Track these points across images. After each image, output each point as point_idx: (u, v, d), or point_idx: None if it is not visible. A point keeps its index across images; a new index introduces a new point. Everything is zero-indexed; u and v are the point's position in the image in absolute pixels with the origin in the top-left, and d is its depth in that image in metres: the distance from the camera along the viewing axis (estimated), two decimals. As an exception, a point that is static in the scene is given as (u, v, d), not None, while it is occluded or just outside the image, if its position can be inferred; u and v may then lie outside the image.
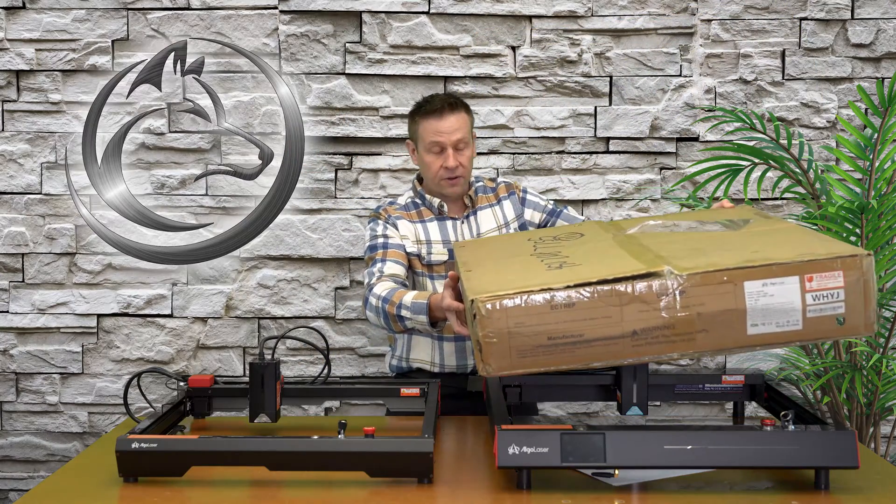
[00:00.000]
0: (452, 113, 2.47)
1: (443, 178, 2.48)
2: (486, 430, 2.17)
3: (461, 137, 2.47)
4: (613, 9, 3.06)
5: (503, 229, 2.58)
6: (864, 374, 2.40)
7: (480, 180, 2.62)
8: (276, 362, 2.00)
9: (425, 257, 2.50)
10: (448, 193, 2.52)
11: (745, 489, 1.75)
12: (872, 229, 2.37)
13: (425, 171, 2.52)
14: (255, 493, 1.75)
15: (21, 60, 3.04)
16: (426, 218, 2.54)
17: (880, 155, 2.43)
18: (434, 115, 2.46)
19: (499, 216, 2.60)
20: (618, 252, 1.77)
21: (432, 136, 2.46)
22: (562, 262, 1.72)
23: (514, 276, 1.68)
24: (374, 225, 2.54)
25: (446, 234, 2.53)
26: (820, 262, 1.54)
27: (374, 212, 2.58)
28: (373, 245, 2.50)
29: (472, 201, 2.56)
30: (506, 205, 2.61)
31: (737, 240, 1.78)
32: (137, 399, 2.56)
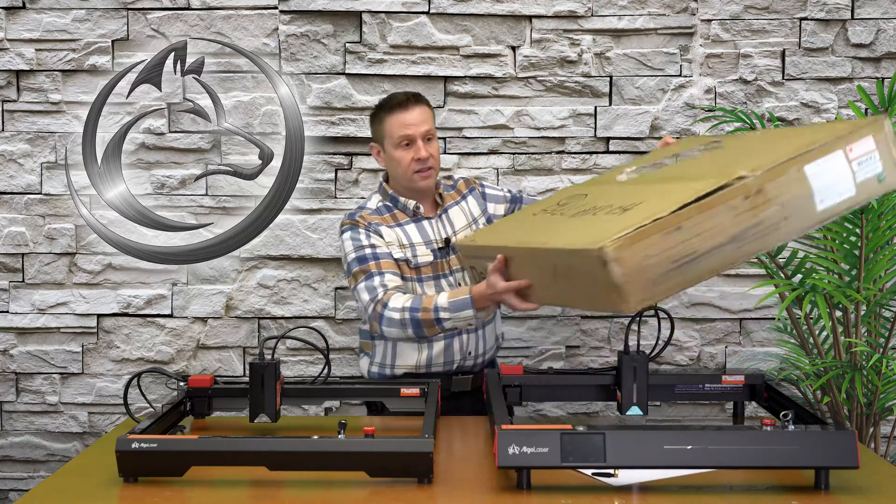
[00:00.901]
0: (417, 105, 2.47)
1: (415, 171, 2.46)
2: (486, 430, 2.17)
3: (429, 129, 2.47)
4: (613, 9, 3.06)
5: (472, 226, 2.59)
6: (864, 374, 2.40)
7: (440, 178, 2.63)
8: (276, 362, 2.00)
9: (412, 261, 2.48)
10: (421, 187, 2.49)
11: (745, 489, 1.76)
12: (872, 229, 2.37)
13: (395, 168, 2.49)
14: (255, 493, 1.75)
15: (21, 60, 3.04)
16: (402, 221, 2.52)
17: (880, 155, 2.43)
18: (399, 109, 2.46)
19: (467, 213, 2.61)
20: (665, 186, 1.95)
21: (401, 130, 2.44)
22: (621, 207, 1.86)
23: (598, 228, 1.82)
24: (353, 234, 2.47)
25: (426, 235, 2.52)
26: (853, 133, 1.76)
27: (350, 219, 2.50)
28: (361, 257, 2.43)
29: (441, 199, 2.57)
30: (470, 201, 2.63)
31: (748, 147, 2.02)
32: (137, 399, 2.56)
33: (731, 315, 3.14)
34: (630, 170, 2.20)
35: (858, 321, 2.44)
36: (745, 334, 3.16)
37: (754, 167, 1.71)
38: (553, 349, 3.14)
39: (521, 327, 3.14)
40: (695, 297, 3.13)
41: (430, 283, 2.51)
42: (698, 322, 3.15)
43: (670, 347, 3.14)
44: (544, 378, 2.29)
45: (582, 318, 3.15)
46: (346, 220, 2.51)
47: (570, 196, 2.23)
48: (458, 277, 2.54)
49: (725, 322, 3.15)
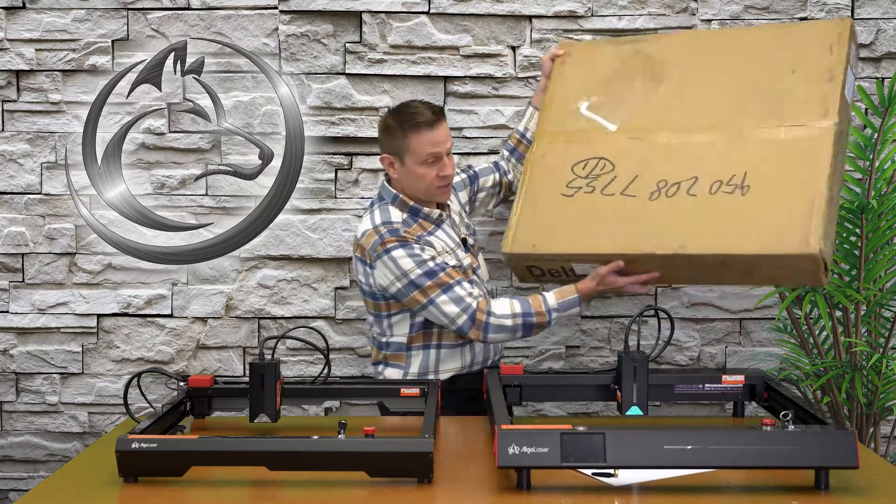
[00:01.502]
0: (441, 120, 2.48)
1: (437, 186, 2.47)
2: (486, 430, 2.17)
3: (451, 144, 2.51)
4: (613, 9, 3.06)
5: (462, 217, 2.65)
6: (864, 374, 2.40)
7: None
8: (276, 362, 2.00)
9: (459, 263, 2.51)
10: (441, 201, 2.53)
11: (745, 489, 1.76)
12: (872, 229, 2.37)
13: (416, 183, 2.46)
14: (255, 493, 1.75)
15: (21, 60, 3.04)
16: (430, 229, 2.52)
17: (880, 155, 2.43)
18: (427, 127, 2.43)
19: (457, 209, 2.66)
20: (716, 137, 2.27)
21: (430, 149, 2.42)
22: (720, 181, 2.20)
23: (746, 218, 2.12)
24: (408, 250, 2.38)
25: (453, 238, 2.56)
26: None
27: (394, 236, 2.41)
28: (429, 272, 2.36)
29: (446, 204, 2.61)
30: (458, 195, 2.69)
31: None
32: (137, 399, 2.56)
33: (731, 315, 3.14)
34: (585, 104, 2.34)
35: (858, 321, 2.44)
36: (745, 334, 3.15)
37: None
38: (553, 349, 3.14)
39: (521, 327, 3.14)
40: (695, 297, 3.13)
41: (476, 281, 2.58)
42: (698, 322, 3.15)
43: (670, 347, 3.14)
44: (544, 378, 2.29)
45: (582, 318, 3.15)
46: (389, 237, 2.40)
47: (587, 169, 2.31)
48: (481, 273, 2.61)
49: (725, 322, 3.15)
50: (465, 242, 2.57)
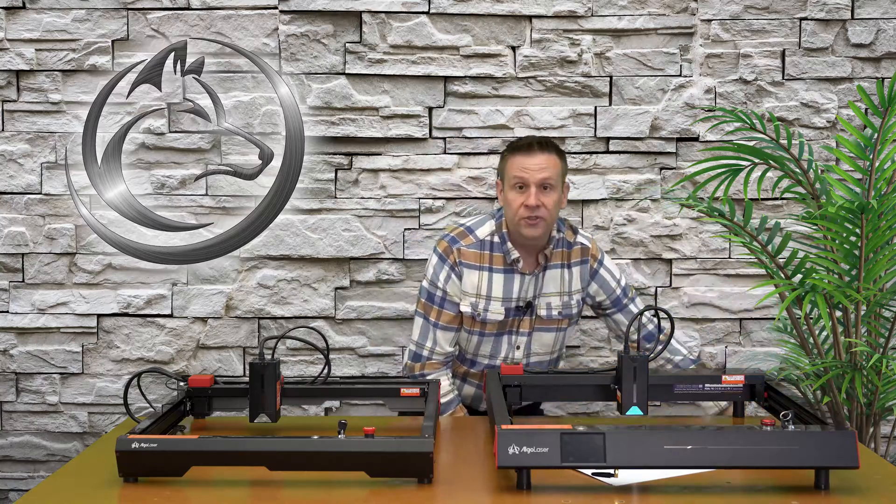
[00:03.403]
0: (542, 152, 2.43)
1: (522, 216, 2.41)
2: (486, 430, 2.17)
3: (547, 177, 2.41)
4: (613, 9, 3.06)
5: (565, 297, 2.54)
6: (864, 374, 2.40)
7: (562, 230, 2.55)
8: (276, 362, 2.00)
9: (480, 314, 2.48)
10: (525, 234, 2.43)
11: (745, 489, 1.76)
12: (872, 229, 2.37)
13: (507, 210, 2.46)
14: (255, 493, 1.75)
15: (21, 60, 3.04)
16: (496, 267, 2.49)
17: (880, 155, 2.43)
18: (522, 151, 2.44)
19: (565, 282, 2.54)
20: None
21: (517, 172, 2.41)
22: None
23: None
24: (439, 265, 2.49)
25: (510, 291, 2.49)
26: None
27: (448, 243, 2.50)
28: (431, 295, 2.50)
29: (546, 259, 2.51)
30: (574, 272, 2.55)
31: None
32: (137, 399, 2.56)
33: (731, 315, 3.14)
34: None
35: (858, 321, 2.44)
36: (745, 334, 3.15)
37: None
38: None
39: (521, 327, 3.14)
40: (695, 297, 3.13)
41: (489, 340, 2.54)
42: (698, 322, 3.15)
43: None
44: (544, 378, 2.29)
45: (582, 318, 3.15)
46: (445, 241, 2.51)
47: None
48: (521, 340, 2.54)
49: (725, 322, 3.15)
50: (528, 306, 2.51)
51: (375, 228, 3.10)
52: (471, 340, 2.55)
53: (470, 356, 2.59)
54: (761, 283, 2.47)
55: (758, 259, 2.54)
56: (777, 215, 3.06)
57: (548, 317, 2.53)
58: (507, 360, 2.56)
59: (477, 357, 2.59)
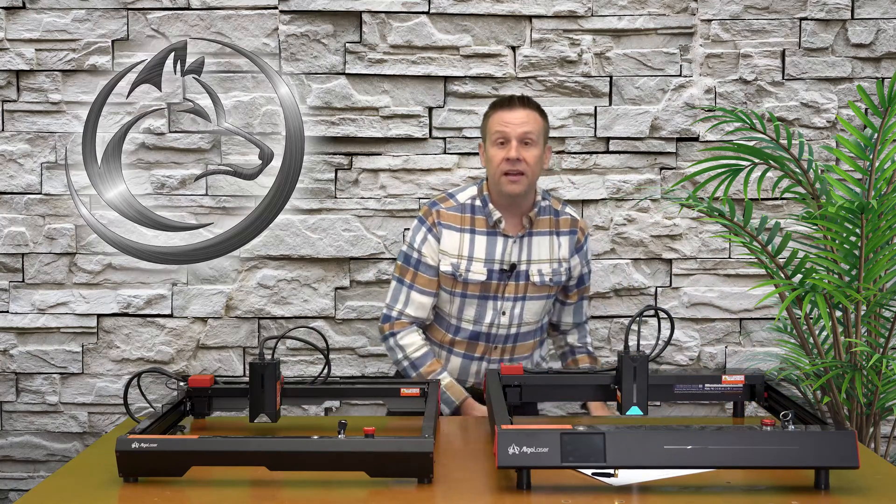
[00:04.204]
0: (523, 107, 2.45)
1: (503, 171, 2.41)
2: (486, 430, 2.17)
3: (528, 131, 2.42)
4: (613, 9, 3.06)
5: (554, 265, 2.53)
6: (864, 374, 2.40)
7: (548, 198, 2.57)
8: (276, 362, 2.00)
9: (462, 274, 2.47)
10: (507, 191, 2.43)
11: (745, 489, 1.75)
12: (872, 229, 2.37)
13: (489, 167, 2.48)
14: (255, 493, 1.75)
15: (21, 60, 3.04)
16: (478, 229, 2.49)
17: (880, 155, 2.43)
18: (503, 107, 2.46)
19: (555, 249, 2.54)
20: None
21: (498, 126, 2.43)
22: None
23: None
24: (418, 226, 2.53)
25: (492, 253, 2.48)
26: None
27: (427, 207, 2.54)
28: (407, 256, 2.52)
29: (530, 222, 2.50)
30: (563, 240, 2.56)
31: None
32: (137, 399, 2.56)
33: (731, 315, 3.14)
34: None
35: (858, 321, 2.44)
36: (745, 334, 3.15)
37: None
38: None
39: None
40: (695, 297, 3.13)
41: (473, 302, 2.51)
42: (698, 322, 3.15)
43: (670, 347, 3.14)
44: (544, 378, 2.29)
45: (582, 318, 3.15)
46: (426, 206, 2.55)
47: None
48: (506, 306, 2.51)
49: (725, 322, 3.15)
50: (513, 268, 2.50)
51: (375, 228, 3.10)
52: (453, 302, 2.51)
53: (454, 321, 2.54)
54: (761, 283, 2.46)
55: (758, 259, 2.54)
56: (777, 215, 3.06)
57: (541, 283, 2.52)
58: (492, 325, 2.52)
59: (461, 322, 2.54)
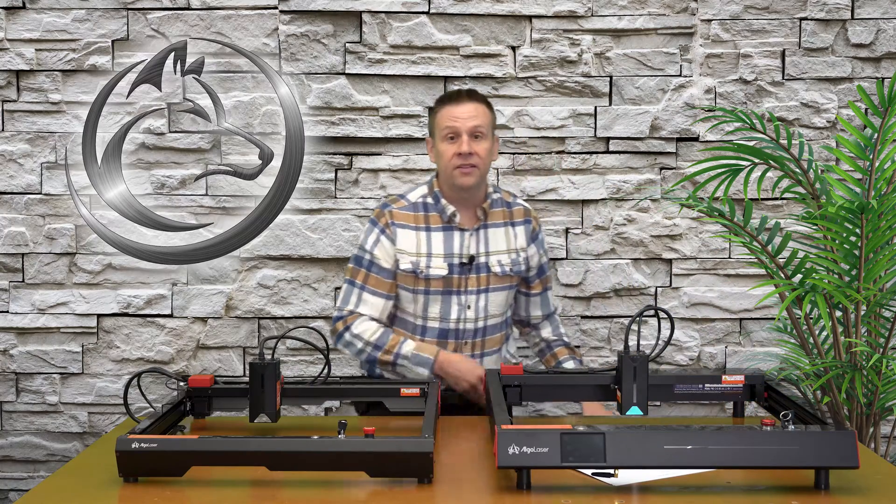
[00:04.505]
0: (471, 101, 2.45)
1: (455, 166, 2.42)
2: (486, 430, 2.17)
3: (478, 125, 2.42)
4: (613, 9, 3.06)
5: (513, 255, 2.54)
6: (864, 374, 2.40)
7: (499, 191, 2.58)
8: (276, 362, 1.99)
9: (423, 271, 2.45)
10: (460, 184, 2.44)
11: (745, 489, 1.75)
12: (872, 229, 2.37)
13: (440, 163, 2.47)
14: (255, 493, 1.75)
15: (21, 60, 3.04)
16: (433, 226, 2.49)
17: (880, 155, 2.43)
18: (451, 102, 2.46)
19: (511, 239, 2.55)
20: None
21: (447, 122, 2.42)
22: None
23: None
24: (370, 228, 2.51)
25: (450, 247, 2.48)
26: None
27: (379, 209, 2.52)
28: (358, 258, 2.50)
29: (485, 214, 2.51)
30: (519, 230, 2.57)
31: None
32: (137, 399, 2.56)
33: (731, 315, 3.14)
34: None
35: (858, 321, 2.44)
36: (745, 334, 3.15)
37: None
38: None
39: (521, 327, 3.14)
40: (695, 297, 3.13)
41: (437, 298, 2.49)
42: (698, 322, 3.15)
43: (670, 347, 3.14)
44: (544, 378, 2.29)
45: (582, 318, 3.15)
46: (378, 207, 2.54)
47: None
48: (470, 300, 2.50)
49: (725, 322, 3.15)
50: (472, 260, 2.50)
51: (375, 228, 3.10)
52: (417, 301, 2.49)
53: (420, 321, 2.52)
54: (761, 283, 2.46)
55: (758, 259, 2.54)
56: (777, 215, 3.06)
57: (502, 272, 2.51)
58: (459, 321, 2.51)
59: (427, 321, 2.52)
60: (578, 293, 3.13)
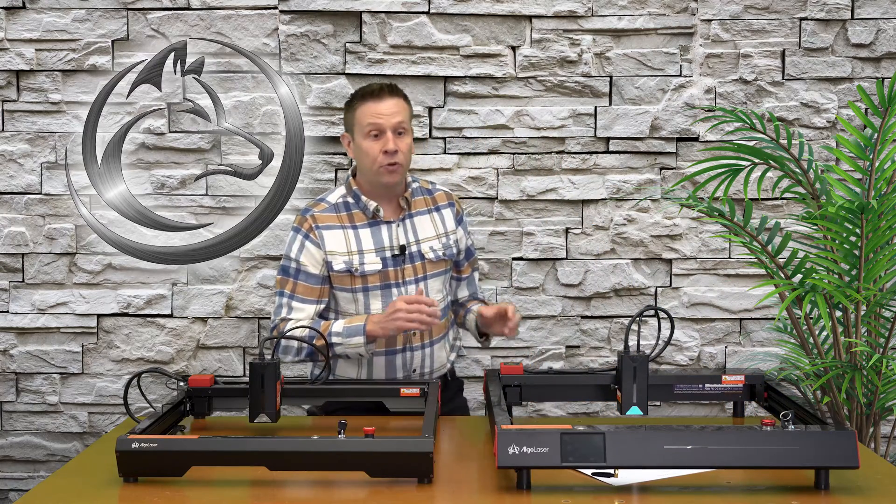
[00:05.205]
0: (392, 96, 2.40)
1: (382, 164, 2.37)
2: (486, 430, 2.17)
3: (401, 121, 2.39)
4: (613, 9, 3.06)
5: (443, 239, 2.51)
6: (864, 374, 2.40)
7: (416, 180, 2.56)
8: (276, 362, 2.00)
9: (358, 268, 2.41)
10: (385, 182, 2.40)
11: (745, 489, 1.75)
12: (872, 229, 2.37)
13: (363, 160, 2.41)
14: (255, 493, 1.75)
15: (21, 60, 3.04)
16: (358, 223, 2.44)
17: (880, 155, 2.43)
18: (372, 98, 2.39)
19: (438, 224, 2.52)
20: None
21: (371, 119, 2.37)
22: None
23: None
24: (293, 236, 2.44)
25: (380, 241, 2.45)
26: None
27: (300, 215, 2.46)
28: (285, 268, 2.44)
29: (408, 203, 2.48)
30: (445, 213, 2.55)
31: None
32: (137, 399, 2.56)
33: (731, 315, 3.14)
34: None
35: (858, 321, 2.44)
36: (745, 334, 3.16)
37: None
38: (553, 349, 3.14)
39: (521, 327, 3.13)
40: (695, 297, 3.13)
41: (377, 293, 2.44)
42: (698, 322, 3.15)
43: (670, 347, 3.14)
44: (544, 378, 2.29)
45: (582, 318, 3.15)
46: (298, 214, 2.48)
47: None
48: (410, 290, 2.46)
49: (725, 322, 3.15)
50: (403, 250, 2.45)
51: (375, 228, 3.10)
52: (357, 300, 2.45)
53: None
54: (761, 283, 2.47)
55: (758, 259, 2.54)
56: (777, 215, 3.06)
57: (436, 258, 2.48)
58: None
59: None
60: (578, 293, 3.13)
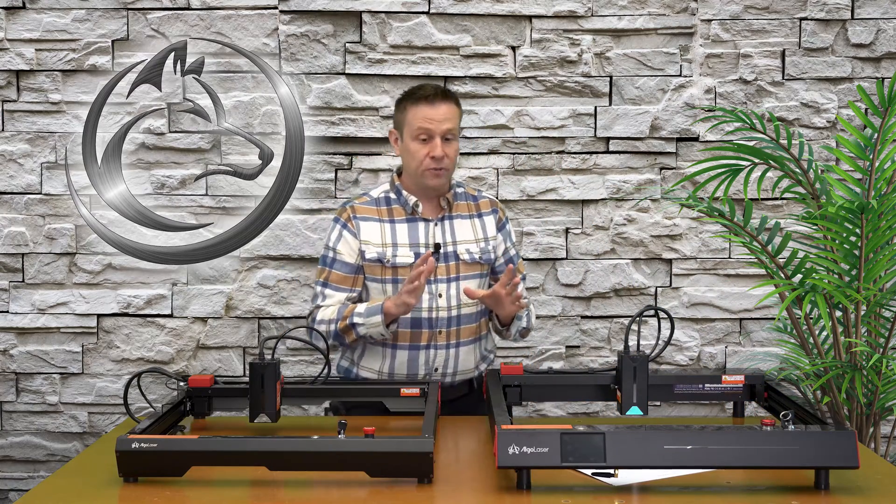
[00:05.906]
0: (444, 102, 2.40)
1: (427, 167, 2.39)
2: (486, 430, 2.17)
3: (450, 128, 2.40)
4: (613, 9, 3.06)
5: (482, 243, 2.50)
6: (864, 374, 2.40)
7: (462, 186, 2.56)
8: (276, 362, 1.99)
9: (390, 260, 2.42)
10: (430, 185, 2.42)
11: (745, 489, 1.75)
12: (872, 229, 2.37)
13: (409, 161, 2.43)
14: (255, 493, 1.75)
15: (21, 60, 3.04)
16: (397, 218, 2.46)
17: (880, 155, 2.43)
18: (425, 102, 2.39)
19: (478, 229, 2.52)
20: None
21: (421, 122, 2.38)
22: None
23: None
24: (332, 226, 2.49)
25: (416, 237, 2.45)
26: None
27: (341, 207, 2.51)
28: (324, 256, 2.49)
29: (448, 205, 2.48)
30: (487, 220, 2.54)
31: None
32: (137, 399, 2.56)
33: (731, 315, 3.14)
34: None
35: (858, 321, 2.44)
36: (745, 334, 3.16)
37: None
38: (553, 349, 3.14)
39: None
40: (695, 297, 3.13)
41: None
42: (698, 322, 3.15)
43: (670, 347, 3.14)
44: (544, 378, 2.29)
45: (582, 318, 3.15)
46: (340, 207, 2.52)
47: None
48: (441, 288, 2.46)
49: (725, 322, 3.15)
50: (437, 248, 2.45)
51: (375, 228, 3.10)
52: (387, 291, 2.45)
53: None
54: (761, 283, 2.47)
55: (758, 259, 2.54)
56: (777, 215, 3.06)
57: (471, 260, 2.48)
58: (431, 310, 2.45)
59: None
60: (578, 293, 3.13)
